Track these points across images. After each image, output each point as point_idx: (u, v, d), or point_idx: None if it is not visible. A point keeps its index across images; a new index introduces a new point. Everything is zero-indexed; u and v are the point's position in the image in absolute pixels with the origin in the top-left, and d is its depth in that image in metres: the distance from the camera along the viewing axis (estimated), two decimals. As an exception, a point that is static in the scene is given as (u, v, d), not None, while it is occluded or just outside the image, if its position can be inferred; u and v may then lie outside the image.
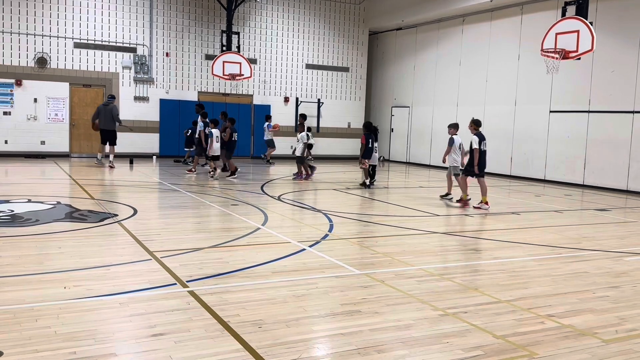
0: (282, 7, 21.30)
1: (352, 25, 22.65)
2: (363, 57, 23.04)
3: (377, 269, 5.89)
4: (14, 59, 17.36)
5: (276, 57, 21.37)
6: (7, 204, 9.01)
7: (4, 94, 17.27)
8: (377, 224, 8.64)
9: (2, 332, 3.78)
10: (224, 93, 20.58)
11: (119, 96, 18.79)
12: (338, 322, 4.27)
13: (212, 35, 20.03)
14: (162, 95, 19.40)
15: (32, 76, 17.57)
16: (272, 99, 21.38)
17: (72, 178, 13.10)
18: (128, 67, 18.90)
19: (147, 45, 19.12)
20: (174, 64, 19.64)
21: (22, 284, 4.92)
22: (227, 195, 11.07)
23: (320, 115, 21.90)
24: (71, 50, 18.06)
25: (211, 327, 4.05)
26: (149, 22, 19.07)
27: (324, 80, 22.35)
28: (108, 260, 5.85)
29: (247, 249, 6.61)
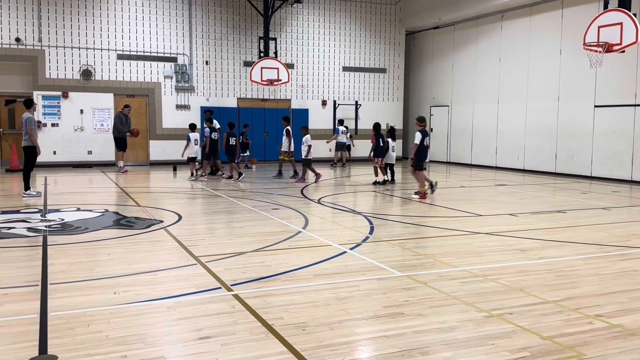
0: (318, 12, 21.41)
1: (388, 26, 22.57)
2: (400, 58, 22.92)
3: (420, 270, 5.86)
4: (60, 72, 18.01)
5: (313, 61, 21.49)
6: (57, 212, 9.36)
7: (51, 107, 17.94)
8: (419, 225, 8.59)
9: (56, 337, 3.93)
10: (263, 98, 20.81)
11: (161, 105, 19.25)
12: (381, 325, 4.27)
13: (250, 42, 20.30)
14: (203, 102, 19.76)
15: (78, 88, 18.18)
16: (310, 103, 21.51)
17: (118, 186, 13.48)
18: (169, 77, 19.35)
19: (187, 55, 19.53)
20: (213, 71, 19.99)
21: (73, 290, 5.10)
22: (268, 199, 11.19)
23: (358, 118, 21.88)
24: (115, 61, 18.61)
25: (256, 329, 4.11)
26: (188, 31, 19.48)
27: (361, 82, 22.34)
28: (155, 265, 6.00)
29: (288, 253, 6.68)
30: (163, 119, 19.22)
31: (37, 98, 17.60)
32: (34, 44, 17.61)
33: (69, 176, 15.72)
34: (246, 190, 12.62)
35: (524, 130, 18.24)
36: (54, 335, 3.95)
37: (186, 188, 13.36)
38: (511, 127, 18.77)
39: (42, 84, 17.76)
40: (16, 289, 5.06)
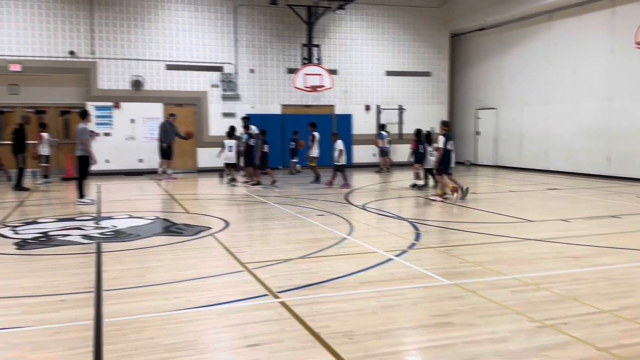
0: (361, 17, 21.41)
1: (432, 29, 22.35)
2: (445, 61, 22.64)
3: (468, 278, 5.76)
4: (112, 83, 18.62)
5: (356, 66, 21.49)
6: (110, 220, 9.66)
7: (104, 117, 18.56)
8: (466, 232, 8.44)
9: (110, 343, 4.05)
10: (306, 105, 20.94)
11: (208, 113, 19.64)
12: (430, 334, 4.22)
13: (294, 50, 20.46)
14: (248, 110, 20.01)
15: (129, 98, 18.75)
16: (353, 108, 21.50)
17: (168, 193, 13.81)
18: (216, 85, 19.73)
19: (233, 63, 19.86)
20: (258, 79, 20.25)
21: (126, 296, 5.24)
22: (313, 205, 11.23)
23: (402, 122, 21.72)
24: (163, 72, 19.11)
25: (303, 337, 4.13)
26: (234, 41, 19.82)
27: (405, 87, 22.18)
28: (204, 272, 6.11)
29: (334, 260, 6.68)
30: (210, 126, 19.59)
31: (90, 109, 18.22)
32: (87, 57, 18.27)
33: (120, 184, 16.22)
34: (291, 197, 12.70)
35: (575, 132, 17.70)
36: (108, 341, 4.07)
37: (232, 194, 13.56)
38: (561, 129, 18.25)
39: (95, 95, 18.41)
40: (72, 295, 5.25)
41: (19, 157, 14.34)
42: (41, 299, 5.13)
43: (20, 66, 17.54)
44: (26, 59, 17.63)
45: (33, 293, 5.31)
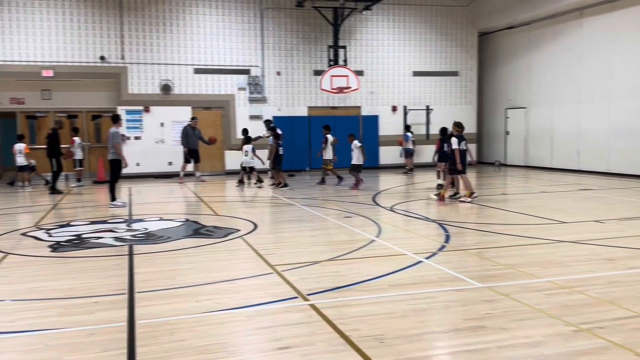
0: (387, 17, 21.31)
1: (459, 28, 22.12)
2: (473, 60, 22.39)
3: (500, 281, 5.66)
4: (142, 87, 18.91)
5: (383, 67, 21.39)
6: (141, 222, 9.80)
7: (134, 120, 18.85)
8: (497, 234, 8.31)
9: (143, 345, 4.10)
10: (333, 106, 20.93)
11: (236, 116, 19.79)
12: (462, 339, 4.16)
13: (320, 51, 20.48)
14: (275, 112, 20.12)
15: (158, 102, 19.01)
16: (380, 109, 21.41)
17: (197, 196, 13.95)
18: (243, 88, 19.86)
19: (260, 66, 19.98)
20: (284, 81, 20.32)
21: (158, 298, 5.30)
22: (340, 207, 11.21)
23: (430, 122, 21.54)
24: (192, 76, 19.33)
25: (334, 341, 4.11)
26: (260, 44, 19.93)
27: (432, 87, 21.99)
28: (234, 274, 6.15)
29: (363, 262, 6.65)
30: (237, 129, 19.72)
31: (121, 113, 18.55)
32: (117, 62, 18.60)
33: (151, 186, 16.44)
34: (318, 199, 12.70)
35: (608, 132, 17.30)
36: (141, 343, 4.12)
37: (260, 197, 13.62)
38: (594, 128, 17.86)
39: (125, 99, 18.72)
40: (106, 297, 5.33)
41: (53, 161, 14.67)
42: (76, 300, 5.23)
43: (52, 72, 17.95)
44: (58, 64, 18.02)
45: (68, 295, 5.41)
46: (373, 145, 21.30)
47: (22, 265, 6.76)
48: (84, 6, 18.21)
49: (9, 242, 8.06)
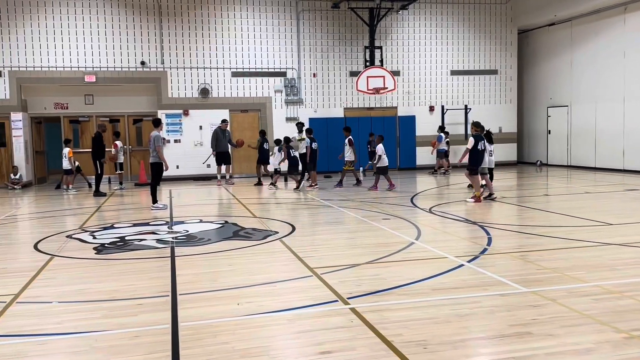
0: (424, 16, 21.10)
1: (498, 26, 21.73)
2: (512, 58, 21.95)
3: (546, 286, 5.51)
4: (181, 91, 19.23)
5: (419, 66, 21.19)
6: (182, 224, 9.94)
7: (174, 124, 19.19)
8: (541, 236, 8.10)
9: (187, 347, 4.14)
10: (369, 107, 20.84)
11: (272, 119, 19.91)
12: (508, 345, 4.05)
13: (356, 52, 20.43)
14: (311, 114, 20.16)
15: (197, 106, 19.30)
16: (417, 109, 21.20)
17: (235, 198, 14.09)
18: (279, 91, 19.98)
19: (296, 68, 20.06)
20: (320, 83, 20.35)
21: (200, 300, 5.36)
22: (378, 209, 11.13)
23: (468, 122, 21.20)
24: (229, 79, 19.55)
25: (376, 346, 4.07)
26: (296, 46, 20.01)
27: (471, 86, 21.66)
28: (273, 277, 6.17)
29: (402, 265, 6.57)
30: (274, 131, 19.84)
31: (161, 117, 18.90)
32: (157, 67, 18.96)
33: (190, 189, 16.69)
34: (355, 200, 12.65)
35: (656, 129, 16.70)
36: (185, 345, 4.17)
37: (297, 198, 13.66)
38: (640, 126, 17.28)
39: (165, 103, 19.07)
40: (149, 299, 5.42)
41: (97, 163, 15.04)
42: (120, 302, 5.33)
43: (94, 77, 18.42)
44: (100, 70, 18.50)
45: (112, 297, 5.52)
46: (410, 146, 21.12)
47: (68, 267, 6.94)
48: (125, 13, 18.63)
49: (55, 245, 8.29)
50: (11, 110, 17.87)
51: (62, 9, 18.16)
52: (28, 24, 17.95)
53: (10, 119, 17.85)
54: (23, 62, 17.96)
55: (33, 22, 17.98)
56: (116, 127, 19.21)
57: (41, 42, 18.06)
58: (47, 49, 18.10)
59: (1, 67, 17.84)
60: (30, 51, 18.00)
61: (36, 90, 18.61)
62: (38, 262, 7.12)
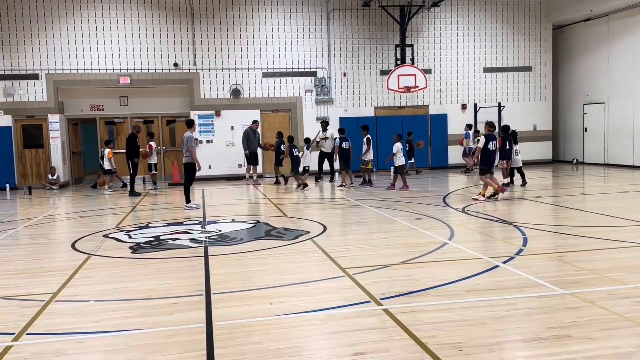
0: (456, 13, 20.85)
1: (532, 22, 21.32)
2: (547, 54, 21.51)
3: (584, 287, 5.38)
4: (213, 92, 19.44)
5: (451, 64, 20.95)
6: (215, 224, 10.05)
7: (206, 125, 19.42)
8: (578, 236, 7.91)
9: (221, 347, 4.18)
10: (399, 106, 20.70)
11: (302, 118, 19.96)
12: (546, 348, 3.97)
13: (386, 51, 20.32)
14: (341, 114, 20.14)
15: (229, 106, 19.49)
16: (449, 108, 20.97)
17: (266, 197, 14.17)
18: (310, 90, 20.02)
19: (326, 68, 20.06)
20: (350, 82, 20.31)
21: (233, 300, 5.40)
22: (410, 209, 11.05)
23: (502, 120, 20.87)
24: (260, 79, 19.68)
25: (410, 348, 4.03)
26: (326, 45, 20.01)
27: (504, 83, 21.31)
28: (305, 277, 6.18)
29: (436, 266, 6.51)
30: (304, 131, 19.89)
31: (194, 117, 19.18)
32: (189, 68, 19.21)
33: (222, 189, 16.86)
34: (386, 200, 12.58)
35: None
36: (219, 344, 4.20)
37: (328, 198, 13.66)
38: (682, 122, 16.73)
39: (197, 104, 19.31)
40: (184, 298, 5.49)
41: (129, 163, 15.33)
42: (156, 301, 5.41)
43: (129, 79, 18.77)
44: (134, 72, 18.83)
45: (148, 296, 5.61)
46: (442, 144, 20.91)
47: (105, 266, 7.08)
48: (158, 15, 18.93)
49: (92, 244, 8.48)
50: (48, 112, 18.36)
51: (97, 13, 18.55)
52: (64, 27, 18.40)
53: (48, 121, 18.33)
54: (60, 65, 18.42)
55: (69, 25, 18.41)
56: (150, 128, 19.53)
57: (77, 45, 18.48)
58: (82, 52, 18.52)
59: (38, 70, 18.32)
60: (67, 54, 18.44)
61: (72, 93, 19.06)
62: (76, 261, 7.28)
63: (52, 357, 4.09)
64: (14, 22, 18.12)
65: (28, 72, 18.26)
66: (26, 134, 18.64)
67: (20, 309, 5.27)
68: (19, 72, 18.20)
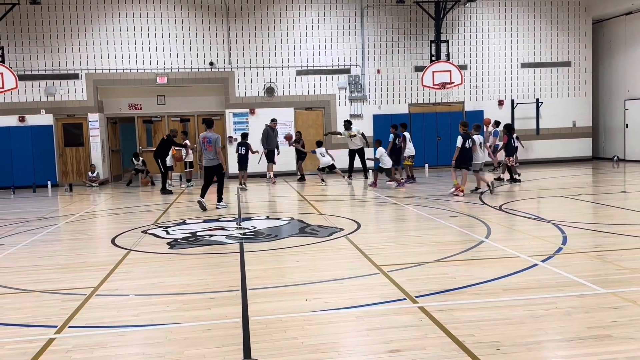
0: (492, 8, 20.52)
1: (571, 16, 20.81)
2: (587, 49, 20.97)
3: (627, 287, 5.24)
4: (247, 90, 19.62)
5: (487, 60, 20.64)
6: (250, 221, 10.15)
7: (241, 123, 19.61)
8: (620, 235, 7.70)
9: (257, 341, 4.22)
10: (434, 103, 20.50)
11: (336, 115, 19.96)
12: (587, 348, 3.88)
13: (421, 47, 20.15)
14: (375, 111, 20.07)
15: (263, 104, 19.64)
16: (485, 104, 20.65)
17: (300, 194, 14.23)
18: (343, 88, 20.00)
19: (360, 65, 20.01)
20: (384, 79, 20.21)
21: (269, 295, 5.45)
22: (445, 206, 10.93)
23: (540, 116, 20.47)
24: (294, 77, 19.77)
25: (446, 346, 4.00)
26: (360, 42, 19.96)
27: (542, 79, 20.88)
28: (340, 273, 6.18)
29: (472, 264, 6.42)
30: (338, 129, 19.89)
31: (229, 115, 19.43)
32: (224, 67, 19.43)
33: (257, 186, 16.99)
34: (421, 197, 12.48)
35: None
36: (255, 339, 4.25)
37: (361, 195, 13.62)
38: None
39: (232, 103, 19.53)
40: (220, 293, 5.56)
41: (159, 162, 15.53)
42: (193, 296, 5.50)
43: (166, 78, 19.10)
44: (171, 71, 19.15)
45: (186, 290, 5.70)
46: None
47: (144, 261, 7.23)
48: (195, 15, 19.20)
49: (131, 240, 8.66)
50: (88, 112, 18.84)
51: (134, 13, 18.93)
52: (103, 28, 18.83)
53: (88, 120, 18.81)
54: (99, 65, 18.87)
55: (108, 26, 18.84)
56: (186, 126, 19.83)
57: (116, 45, 18.90)
58: (121, 52, 18.93)
59: (79, 70, 18.81)
60: (106, 54, 18.87)
61: (111, 92, 19.51)
62: (115, 257, 7.45)
63: (93, 350, 4.20)
64: (54, 24, 18.64)
65: (69, 72, 18.77)
66: (67, 133, 19.16)
67: (62, 303, 5.43)
68: (60, 72, 18.72)
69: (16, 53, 18.47)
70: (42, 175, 18.44)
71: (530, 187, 13.89)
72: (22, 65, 18.48)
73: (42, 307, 5.36)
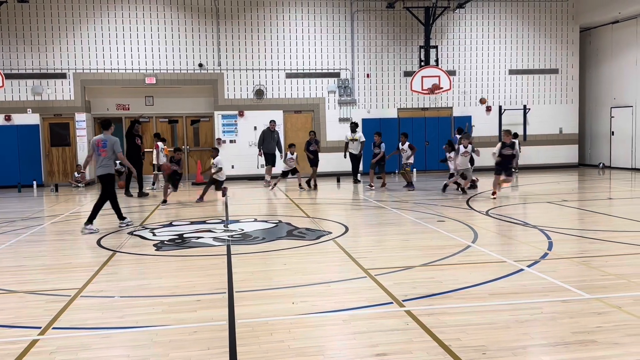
0: (481, 15, 20.67)
1: (559, 24, 21.03)
2: (574, 57, 21.19)
3: (611, 292, 5.29)
4: (236, 93, 19.57)
5: (476, 66, 20.78)
6: (238, 223, 10.11)
7: (229, 125, 19.56)
8: (605, 241, 7.78)
9: (243, 344, 4.20)
10: (423, 108, 20.59)
11: (325, 119, 19.97)
12: (571, 353, 3.91)
13: (410, 52, 20.24)
14: (364, 115, 20.11)
15: (252, 107, 19.60)
16: (473, 110, 20.78)
17: (288, 197, 14.21)
18: (333, 91, 20.03)
19: (350, 69, 20.05)
20: (374, 84, 20.26)
21: (255, 298, 5.43)
22: (433, 211, 10.98)
23: (527, 123, 20.62)
24: (283, 80, 19.75)
25: (432, 350, 4.01)
26: (350, 46, 20.00)
27: (530, 85, 21.06)
28: (327, 277, 6.18)
29: (459, 268, 6.46)
30: (327, 132, 19.92)
31: (218, 117, 19.36)
32: (214, 68, 19.37)
33: (245, 188, 16.94)
34: (409, 202, 12.52)
35: None
36: (241, 342, 4.23)
37: (350, 199, 13.63)
38: None
39: (221, 104, 19.46)
40: (207, 295, 5.53)
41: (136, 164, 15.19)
42: (179, 298, 5.47)
43: (154, 79, 19.00)
44: (160, 72, 19.05)
45: (172, 293, 5.67)
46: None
47: (129, 263, 7.17)
48: (184, 16, 19.13)
49: (117, 241, 8.60)
50: (75, 111, 18.68)
51: (124, 13, 18.81)
52: (92, 27, 18.70)
53: (75, 120, 18.65)
54: (87, 65, 18.72)
55: (96, 25, 18.71)
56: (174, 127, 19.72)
57: (104, 45, 18.77)
58: (109, 52, 18.80)
59: (66, 70, 18.65)
60: (94, 54, 18.73)
61: (99, 92, 19.36)
62: (101, 258, 7.39)
63: (77, 352, 4.16)
64: (42, 22, 18.48)
65: (56, 72, 18.60)
66: (53, 133, 18.98)
67: (46, 304, 5.37)
68: (47, 72, 18.55)
69: (3, 52, 18.28)
70: (27, 175, 18.25)
71: (517, 193, 13.98)
72: (9, 64, 18.30)
73: (26, 307, 5.30)
